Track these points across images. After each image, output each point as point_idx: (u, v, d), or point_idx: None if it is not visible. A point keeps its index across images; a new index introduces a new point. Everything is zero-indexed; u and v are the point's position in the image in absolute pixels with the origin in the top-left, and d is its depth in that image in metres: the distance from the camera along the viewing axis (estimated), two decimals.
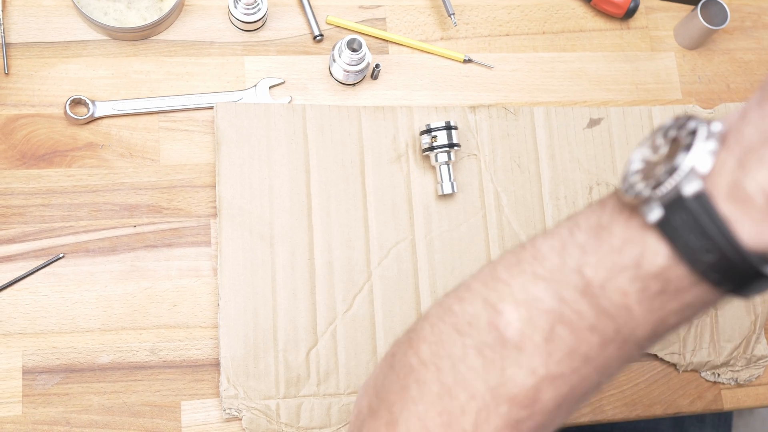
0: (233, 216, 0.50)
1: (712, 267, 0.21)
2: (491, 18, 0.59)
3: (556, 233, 0.26)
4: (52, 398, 0.47)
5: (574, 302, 0.24)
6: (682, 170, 0.21)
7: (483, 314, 0.26)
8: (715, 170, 0.21)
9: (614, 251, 0.23)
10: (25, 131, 0.51)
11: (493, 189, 0.54)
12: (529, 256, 0.26)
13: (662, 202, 0.22)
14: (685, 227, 0.21)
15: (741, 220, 0.21)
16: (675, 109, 0.58)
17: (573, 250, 0.24)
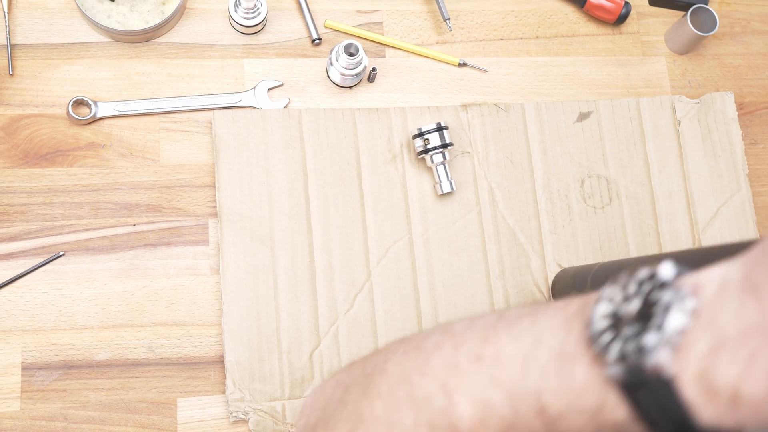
0: (234, 222, 0.47)
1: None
2: (486, 23, 0.57)
3: (519, 337, 0.24)
4: (50, 394, 0.45)
5: (529, 421, 0.23)
6: (649, 349, 0.20)
7: (439, 398, 0.25)
8: (685, 348, 0.20)
9: (574, 392, 0.22)
10: (29, 131, 0.49)
11: (487, 185, 0.52)
12: (491, 356, 0.25)
13: (627, 371, 0.21)
14: (647, 401, 0.20)
15: (704, 408, 0.20)
16: (663, 101, 0.56)
17: (534, 370, 0.23)
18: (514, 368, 0.24)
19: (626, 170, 0.54)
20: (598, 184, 0.53)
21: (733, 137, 0.55)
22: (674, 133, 0.55)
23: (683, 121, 0.55)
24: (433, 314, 0.49)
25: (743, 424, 0.20)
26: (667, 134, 0.55)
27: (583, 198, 0.53)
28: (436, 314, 0.49)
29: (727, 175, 0.55)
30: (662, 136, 0.55)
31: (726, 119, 0.56)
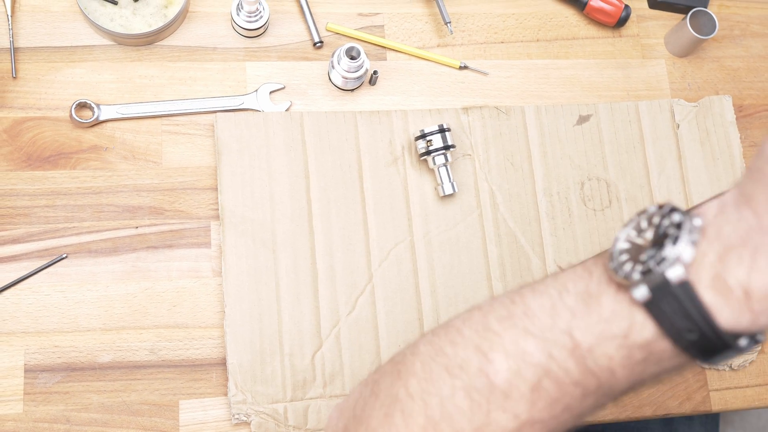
0: (236, 224, 0.47)
1: (693, 344, 0.23)
2: (487, 26, 0.57)
3: (545, 292, 0.26)
4: (53, 396, 0.44)
5: (563, 360, 0.25)
6: (669, 260, 0.23)
7: (474, 360, 0.26)
8: (697, 261, 0.23)
9: (603, 320, 0.24)
10: (32, 133, 0.49)
11: (488, 188, 0.51)
12: (521, 312, 0.26)
13: (650, 287, 0.23)
14: (671, 310, 0.23)
15: (721, 308, 0.22)
16: (661, 104, 0.56)
17: (563, 312, 0.25)
18: (544, 316, 0.25)
19: (626, 173, 0.54)
20: (598, 186, 0.53)
21: (731, 140, 0.55)
22: (673, 136, 0.55)
23: (682, 124, 0.55)
24: (435, 316, 0.49)
25: (758, 321, 0.22)
26: (666, 137, 0.55)
27: (583, 200, 0.53)
28: (438, 316, 0.49)
29: (726, 177, 0.55)
30: (661, 139, 0.55)
31: (724, 122, 0.56)
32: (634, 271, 0.24)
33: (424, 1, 0.56)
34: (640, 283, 0.23)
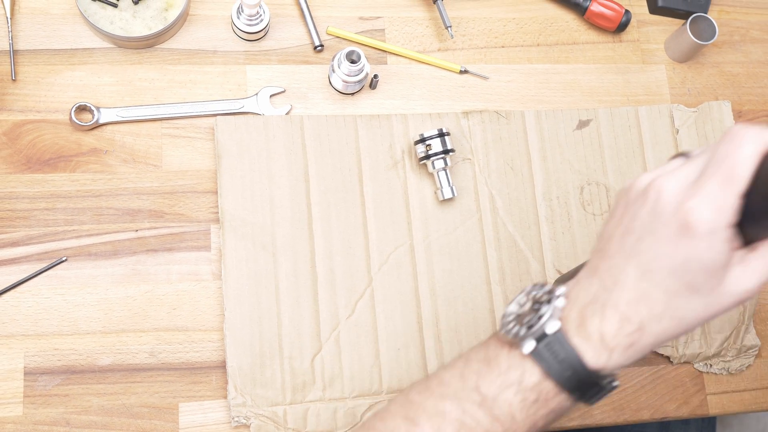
0: (236, 228, 0.47)
1: (569, 380, 0.30)
2: (487, 30, 0.57)
3: (454, 366, 0.33)
4: (53, 399, 0.44)
5: (473, 412, 0.31)
6: (545, 317, 0.31)
7: (402, 427, 0.32)
8: (564, 317, 0.31)
9: (502, 373, 0.31)
10: (31, 136, 0.49)
11: (487, 192, 0.52)
12: (436, 383, 0.33)
13: (534, 338, 0.31)
14: (550, 355, 0.30)
15: (586, 349, 0.30)
16: (661, 109, 0.56)
17: (470, 375, 0.32)
18: (455, 382, 0.32)
19: (625, 178, 0.54)
20: (597, 191, 0.53)
21: None
22: (672, 141, 0.55)
23: (681, 129, 0.55)
24: (434, 320, 0.49)
25: (613, 358, 0.30)
26: (666, 142, 0.55)
27: (583, 205, 0.53)
28: (437, 320, 0.49)
29: None
30: (661, 144, 0.55)
31: (723, 128, 0.56)
32: (521, 330, 0.31)
33: (425, 5, 0.56)
34: (526, 338, 0.31)
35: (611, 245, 0.31)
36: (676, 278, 0.29)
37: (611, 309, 0.30)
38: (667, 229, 0.28)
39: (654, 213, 0.29)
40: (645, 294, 0.29)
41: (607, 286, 0.30)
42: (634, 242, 0.30)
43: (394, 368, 0.47)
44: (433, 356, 0.48)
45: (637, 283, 0.29)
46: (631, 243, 0.30)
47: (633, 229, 0.30)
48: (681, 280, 0.29)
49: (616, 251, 0.30)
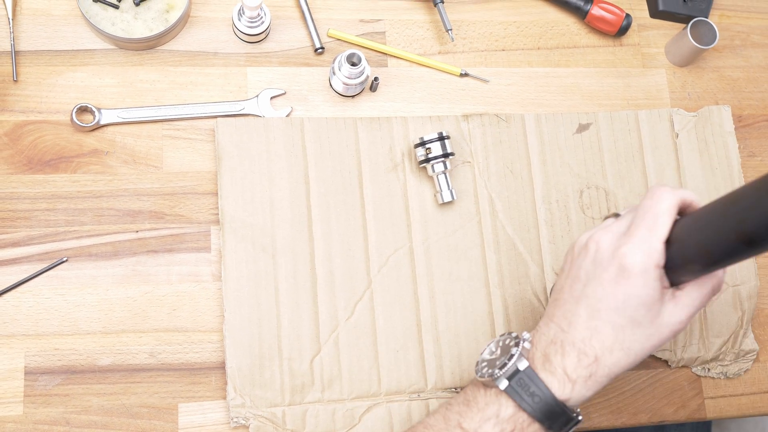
0: (236, 229, 0.48)
1: (540, 411, 0.35)
2: (488, 33, 0.57)
3: (437, 412, 0.39)
4: (53, 399, 0.45)
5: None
6: (515, 357, 0.36)
7: None
8: (530, 357, 0.37)
9: (481, 410, 0.36)
10: (32, 137, 0.49)
11: (487, 195, 0.52)
12: (422, 428, 0.38)
13: (506, 377, 0.36)
14: (522, 389, 0.36)
15: (552, 382, 0.36)
16: (661, 113, 0.56)
17: (453, 416, 0.37)
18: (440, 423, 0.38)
19: (624, 182, 0.54)
20: (597, 195, 0.53)
21: (729, 150, 0.56)
22: (672, 145, 0.55)
23: (681, 133, 0.55)
24: (433, 322, 0.49)
25: (576, 389, 0.35)
26: (665, 147, 0.55)
27: (582, 209, 0.53)
28: (436, 322, 0.49)
29: (724, 188, 0.55)
30: (660, 149, 0.55)
31: (723, 132, 0.56)
32: (494, 371, 0.36)
33: (425, 8, 0.56)
34: (500, 378, 0.36)
35: (563, 294, 0.37)
36: (620, 314, 0.35)
37: (569, 346, 0.36)
38: (607, 273, 0.35)
39: (595, 261, 0.36)
40: (596, 330, 0.35)
41: (564, 327, 0.36)
42: (581, 288, 0.36)
43: (392, 370, 0.47)
44: (432, 358, 0.48)
45: (588, 321, 0.36)
46: (579, 289, 0.36)
47: (579, 278, 0.36)
48: (624, 315, 0.35)
49: (568, 298, 0.37)
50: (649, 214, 0.35)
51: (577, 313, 0.36)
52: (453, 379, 0.48)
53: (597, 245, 0.36)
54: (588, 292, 0.36)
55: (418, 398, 0.47)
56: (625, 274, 0.34)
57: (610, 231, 0.36)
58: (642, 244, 0.34)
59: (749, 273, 0.53)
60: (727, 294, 0.52)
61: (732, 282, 0.53)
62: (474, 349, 0.49)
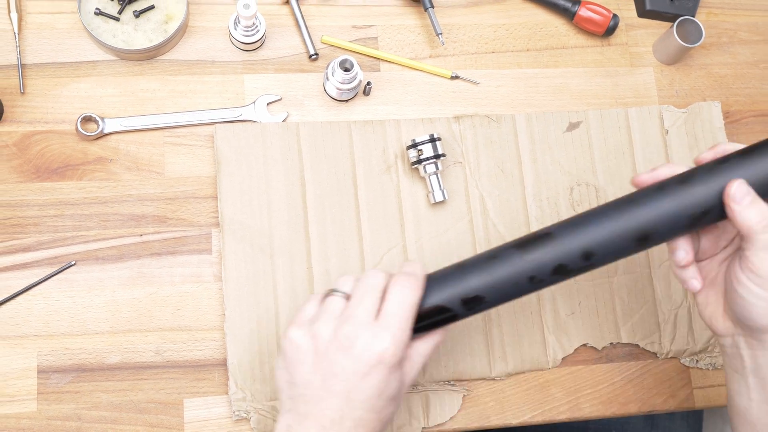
0: (235, 231, 0.49)
1: None
2: (478, 36, 0.58)
3: None
4: (65, 396, 0.47)
5: None
6: None
7: None
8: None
9: None
10: (40, 146, 0.51)
11: (478, 194, 0.53)
12: None
13: None
14: None
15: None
16: (651, 110, 0.57)
17: None
18: None
19: (614, 178, 0.55)
20: (587, 192, 0.54)
21: None
22: (662, 142, 0.56)
23: (671, 130, 0.56)
24: None
25: None
26: (655, 143, 0.56)
27: (572, 206, 0.54)
28: None
29: None
30: (650, 145, 0.56)
31: (713, 128, 0.57)
32: None
33: (416, 13, 0.58)
34: None
35: (309, 390, 0.37)
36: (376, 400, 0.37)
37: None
38: (358, 367, 0.37)
39: (348, 356, 0.37)
40: (359, 420, 0.37)
41: (325, 425, 0.37)
42: (335, 382, 0.37)
43: None
44: None
45: (350, 412, 0.37)
46: (334, 383, 0.37)
47: (335, 373, 0.37)
48: (381, 400, 0.37)
49: (322, 394, 0.37)
50: (392, 314, 0.37)
51: (334, 407, 0.37)
52: (447, 372, 0.50)
53: (347, 337, 0.37)
54: (338, 388, 0.37)
55: (414, 391, 0.49)
56: (368, 370, 0.36)
57: (349, 323, 0.37)
58: (389, 336, 0.37)
59: None
60: None
61: None
62: (466, 344, 0.50)
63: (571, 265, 0.38)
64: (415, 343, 0.39)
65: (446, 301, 0.38)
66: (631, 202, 0.37)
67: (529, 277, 0.38)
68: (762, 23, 0.62)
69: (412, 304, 0.38)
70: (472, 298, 0.38)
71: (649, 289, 0.53)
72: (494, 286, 0.38)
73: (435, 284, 0.39)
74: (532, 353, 0.51)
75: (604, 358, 0.52)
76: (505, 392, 0.51)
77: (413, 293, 0.38)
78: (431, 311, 0.39)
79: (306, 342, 0.38)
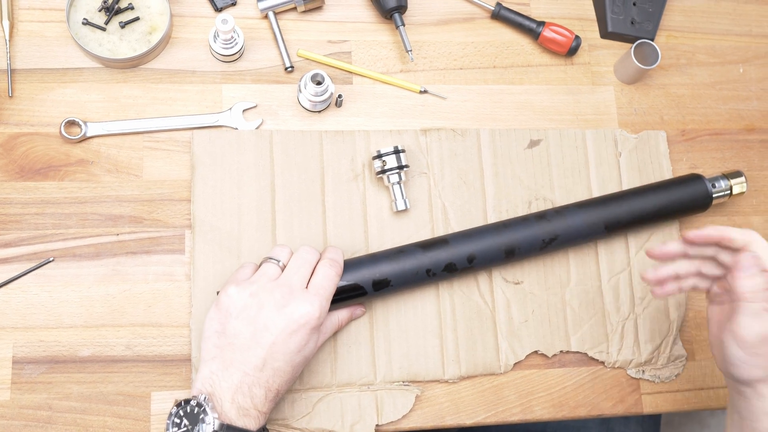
0: (205, 232, 0.51)
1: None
2: (447, 53, 0.60)
3: None
4: (38, 386, 0.48)
5: None
6: (208, 423, 0.39)
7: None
8: (221, 410, 0.40)
9: None
10: (25, 148, 0.53)
11: (441, 204, 0.55)
12: None
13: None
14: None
15: (249, 423, 0.41)
16: (606, 133, 0.59)
17: None
18: None
19: (570, 195, 0.57)
20: (544, 205, 0.56)
21: (664, 171, 0.58)
22: (615, 163, 0.58)
23: (623, 153, 0.58)
24: (384, 320, 0.52)
25: (267, 416, 0.42)
26: (609, 164, 0.58)
27: None
28: (387, 320, 0.52)
29: None
30: (604, 166, 0.58)
31: (659, 154, 0.59)
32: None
33: (389, 30, 0.60)
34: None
35: (239, 339, 0.42)
36: (296, 355, 0.43)
37: (257, 387, 0.41)
38: (282, 326, 0.43)
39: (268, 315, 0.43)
40: (278, 369, 0.42)
41: (247, 371, 0.41)
42: (262, 336, 0.42)
43: (345, 363, 0.50)
44: (383, 353, 0.51)
45: (271, 363, 0.42)
46: (260, 336, 0.42)
47: (266, 327, 0.43)
48: (300, 355, 0.43)
49: (249, 344, 0.42)
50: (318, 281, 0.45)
51: (259, 355, 0.42)
52: (401, 373, 0.51)
53: (265, 301, 0.43)
54: (267, 340, 0.42)
55: (368, 390, 0.50)
56: (296, 328, 0.42)
57: (281, 286, 0.43)
58: (317, 303, 0.43)
59: None
60: (658, 302, 0.55)
61: None
62: (422, 347, 0.52)
63: (458, 264, 0.49)
64: (331, 314, 0.47)
65: (360, 280, 0.47)
66: (505, 226, 0.51)
67: (426, 269, 0.49)
68: (719, 46, 0.64)
69: (335, 281, 0.45)
70: (381, 280, 0.48)
71: (599, 301, 0.54)
72: (399, 274, 0.48)
73: (353, 267, 0.48)
74: (485, 358, 0.52)
75: (557, 363, 0.54)
76: (460, 393, 0.52)
77: (337, 272, 0.46)
78: (348, 288, 0.47)
79: (243, 298, 0.43)
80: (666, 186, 0.54)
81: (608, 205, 0.52)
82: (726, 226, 0.46)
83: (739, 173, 0.56)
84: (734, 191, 0.55)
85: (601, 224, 0.52)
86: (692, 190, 0.54)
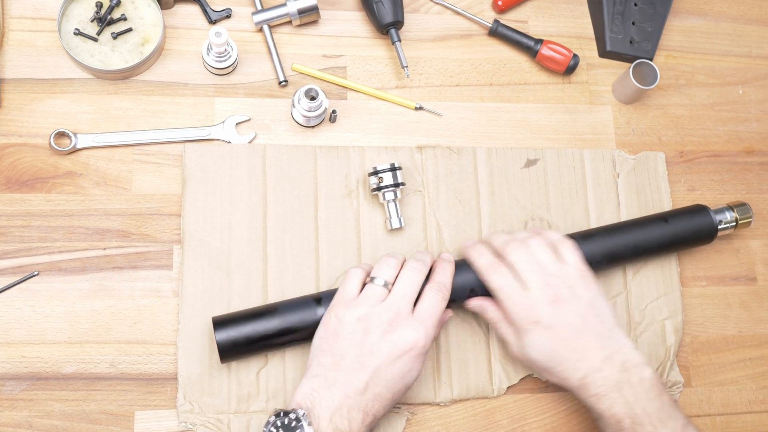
0: (195, 248, 0.50)
1: None
2: (443, 69, 0.59)
3: None
4: (18, 403, 0.47)
5: None
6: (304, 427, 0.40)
7: None
8: (317, 427, 0.41)
9: None
10: (12, 158, 0.52)
11: (435, 223, 0.54)
12: None
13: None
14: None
15: None
16: (604, 154, 0.58)
17: None
18: None
19: (567, 215, 0.56)
20: (540, 225, 0.55)
21: (662, 193, 0.57)
22: (613, 184, 0.57)
23: (621, 174, 0.57)
24: None
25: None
26: (606, 185, 0.57)
27: None
28: None
29: None
30: (601, 186, 0.57)
31: (657, 176, 0.58)
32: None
33: (385, 45, 0.59)
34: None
35: (346, 360, 0.42)
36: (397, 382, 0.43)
37: (355, 411, 0.41)
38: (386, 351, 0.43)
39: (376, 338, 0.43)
40: (379, 395, 0.42)
41: (349, 394, 0.41)
42: (367, 359, 0.42)
43: None
44: None
45: (373, 388, 0.42)
46: (366, 360, 0.42)
47: (371, 350, 0.43)
48: (401, 383, 0.43)
49: (353, 365, 0.42)
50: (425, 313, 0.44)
51: (362, 379, 0.42)
52: None
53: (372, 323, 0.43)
54: (371, 364, 0.42)
55: None
56: (401, 354, 0.43)
57: (387, 311, 0.44)
58: (424, 331, 0.44)
59: (676, 308, 0.55)
60: (656, 327, 0.54)
61: (660, 317, 0.54)
62: None
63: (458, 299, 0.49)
64: None
65: None
66: None
67: None
68: (718, 67, 0.63)
69: (442, 307, 0.45)
70: None
71: None
72: None
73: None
74: (478, 381, 0.51)
75: (551, 388, 0.52)
76: (451, 417, 0.51)
77: (444, 297, 0.45)
78: None
79: (352, 320, 0.43)
80: (670, 217, 0.52)
81: (612, 236, 0.50)
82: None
83: (746, 208, 0.54)
84: (740, 224, 0.54)
85: (602, 257, 0.50)
86: (697, 222, 0.52)
